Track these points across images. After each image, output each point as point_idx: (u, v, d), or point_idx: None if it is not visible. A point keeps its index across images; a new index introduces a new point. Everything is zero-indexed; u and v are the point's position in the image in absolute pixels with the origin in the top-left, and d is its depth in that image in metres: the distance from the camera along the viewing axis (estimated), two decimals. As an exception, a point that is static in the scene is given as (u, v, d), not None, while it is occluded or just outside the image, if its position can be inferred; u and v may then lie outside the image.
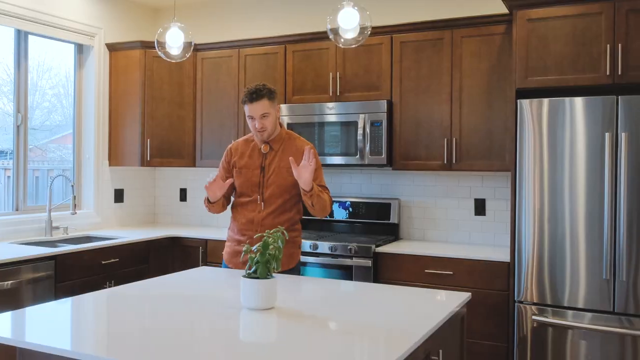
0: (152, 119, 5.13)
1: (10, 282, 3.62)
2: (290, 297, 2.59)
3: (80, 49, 5.20)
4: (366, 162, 4.39)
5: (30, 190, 4.79)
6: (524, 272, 3.64)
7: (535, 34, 3.68)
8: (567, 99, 3.52)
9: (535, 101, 3.60)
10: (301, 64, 4.76)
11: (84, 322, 2.30)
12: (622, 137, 3.37)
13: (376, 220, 4.71)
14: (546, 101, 3.57)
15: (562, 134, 3.53)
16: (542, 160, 3.59)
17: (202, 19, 5.57)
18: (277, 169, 3.20)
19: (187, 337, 1.98)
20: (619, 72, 3.46)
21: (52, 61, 5.07)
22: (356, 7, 2.92)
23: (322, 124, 4.56)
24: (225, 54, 5.09)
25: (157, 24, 5.70)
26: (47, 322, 2.19)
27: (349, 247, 4.19)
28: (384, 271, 4.14)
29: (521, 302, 3.65)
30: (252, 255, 2.34)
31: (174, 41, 3.67)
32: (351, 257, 4.18)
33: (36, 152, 5.03)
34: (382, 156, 4.34)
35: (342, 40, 3.00)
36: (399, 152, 4.40)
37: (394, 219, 4.66)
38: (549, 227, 3.57)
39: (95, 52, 5.16)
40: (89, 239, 4.79)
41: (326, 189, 3.21)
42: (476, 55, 4.18)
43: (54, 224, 4.70)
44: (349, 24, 2.94)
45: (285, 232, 2.39)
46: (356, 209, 4.77)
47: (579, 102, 3.49)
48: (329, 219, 4.86)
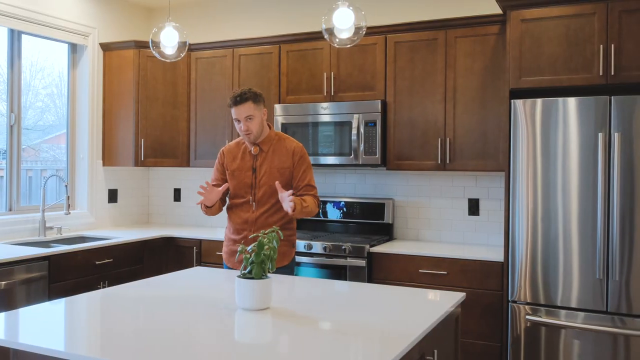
0: (146, 119, 5.12)
1: (3, 282, 3.60)
2: (285, 298, 2.59)
3: (74, 49, 5.18)
4: (360, 162, 4.40)
5: (23, 190, 4.77)
6: (518, 272, 3.65)
7: (529, 35, 3.69)
8: (560, 99, 3.53)
9: (528, 101, 3.61)
10: (295, 64, 4.76)
11: (78, 322, 2.29)
12: (615, 137, 3.39)
13: (370, 220, 4.71)
14: (539, 101, 3.58)
15: (555, 134, 3.54)
16: (535, 160, 3.60)
17: (196, 18, 5.56)
18: (268, 170, 3.27)
19: (182, 338, 1.98)
20: (612, 73, 3.48)
21: (45, 61, 5.05)
22: (351, 7, 2.93)
23: (316, 124, 4.56)
24: (219, 54, 5.09)
25: (151, 24, 5.69)
26: (40, 323, 2.18)
27: (343, 247, 4.19)
28: (378, 271, 4.14)
29: (515, 301, 3.66)
30: (247, 255, 2.34)
31: (169, 41, 3.67)
32: (345, 257, 4.18)
33: (29, 152, 5.01)
34: (376, 156, 4.34)
35: (337, 40, 3.01)
36: (393, 152, 4.40)
37: (388, 219, 4.66)
38: (542, 227, 3.58)
39: (89, 51, 5.15)
40: (82, 239, 4.77)
41: (313, 188, 3.30)
42: (470, 55, 4.19)
43: (48, 224, 4.68)
44: (344, 23, 2.94)
45: (280, 232, 2.40)
46: (350, 209, 4.78)
47: (572, 102, 3.50)
48: (323, 219, 4.86)
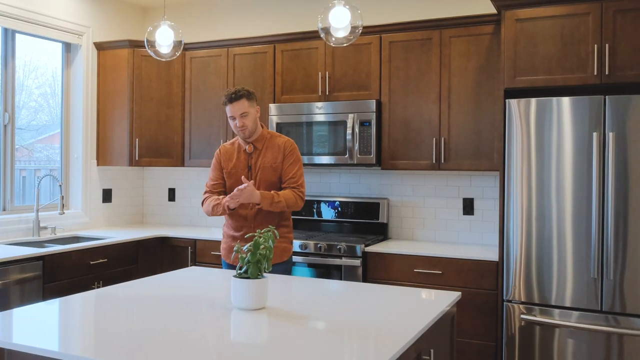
0: (141, 118, 5.11)
1: (-3, 282, 3.59)
2: (280, 297, 2.59)
3: (68, 48, 5.16)
4: (355, 162, 4.40)
5: (17, 190, 4.75)
6: (512, 271, 3.65)
7: (523, 34, 3.70)
8: (554, 99, 3.54)
9: (523, 101, 3.62)
10: (290, 63, 4.76)
11: (72, 323, 2.29)
12: (610, 136, 3.39)
13: (365, 219, 4.71)
14: (534, 101, 3.59)
15: (549, 134, 3.55)
16: (529, 159, 3.61)
17: (190, 18, 5.55)
18: (263, 166, 3.38)
19: (177, 338, 1.97)
20: (607, 72, 3.49)
21: (38, 61, 5.03)
22: (347, 6, 2.92)
23: (311, 124, 4.56)
24: (214, 54, 5.08)
25: (146, 23, 5.68)
26: (35, 323, 2.18)
27: (338, 247, 4.19)
28: (373, 271, 4.14)
29: (510, 301, 3.66)
30: (243, 255, 2.33)
31: (164, 39, 3.65)
32: (340, 257, 4.18)
33: (22, 152, 4.99)
34: (371, 156, 4.34)
35: (333, 39, 3.00)
36: (387, 152, 4.40)
37: (382, 219, 4.67)
38: (536, 226, 3.59)
39: (83, 51, 5.13)
40: (77, 239, 4.76)
41: (297, 182, 3.35)
42: (465, 55, 4.19)
43: (42, 224, 4.67)
44: (340, 22, 2.93)
45: (276, 231, 2.40)
46: (345, 209, 4.77)
47: (566, 102, 3.51)
48: (317, 218, 4.86)
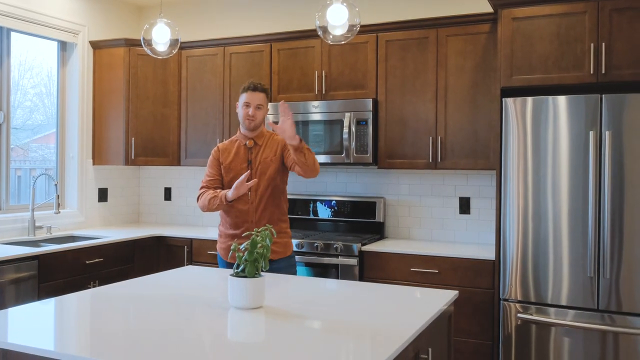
0: (137, 117, 5.09)
1: (-8, 282, 3.58)
2: (278, 296, 2.58)
3: (63, 47, 5.15)
4: (351, 161, 4.39)
5: (12, 189, 4.73)
6: (509, 270, 3.65)
7: (520, 33, 3.70)
8: (550, 98, 3.54)
9: (519, 100, 3.62)
10: (287, 62, 4.75)
11: (68, 322, 2.28)
12: (606, 135, 3.40)
13: (361, 218, 4.71)
14: (530, 100, 3.59)
15: (545, 133, 3.55)
16: (526, 158, 3.61)
17: (186, 16, 5.53)
18: (262, 161, 3.42)
19: (174, 337, 1.96)
20: (603, 71, 3.49)
21: (33, 60, 5.01)
22: (345, 4, 2.91)
23: (307, 123, 4.55)
24: (210, 52, 5.06)
25: (142, 22, 5.66)
26: (30, 322, 2.16)
27: (334, 246, 4.18)
28: (370, 270, 4.14)
29: (506, 299, 3.67)
30: (240, 254, 2.32)
31: (161, 37, 3.63)
32: (337, 256, 4.18)
33: (18, 151, 4.97)
34: (368, 155, 4.34)
35: (330, 37, 2.99)
36: (384, 151, 4.40)
37: (379, 218, 4.66)
38: (532, 225, 3.59)
39: (78, 49, 5.11)
40: (72, 239, 4.74)
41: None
42: (461, 54, 4.19)
43: (37, 224, 4.65)
44: (338, 20, 2.93)
45: (273, 230, 2.39)
46: (341, 208, 4.77)
47: (562, 100, 3.51)
48: (314, 217, 4.85)
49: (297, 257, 4.25)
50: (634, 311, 3.35)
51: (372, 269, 4.13)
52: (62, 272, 4.04)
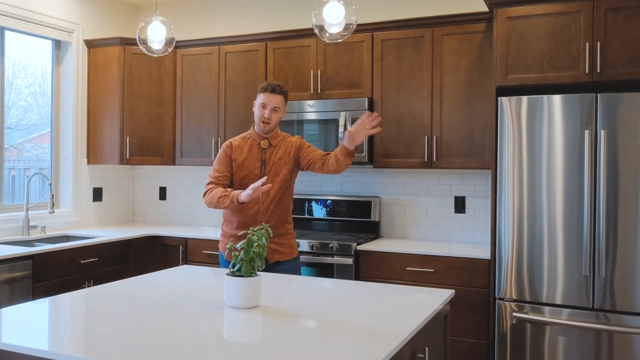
0: (131, 116, 5.08)
1: (-14, 282, 3.56)
2: (274, 296, 2.57)
3: (58, 45, 5.13)
4: (347, 160, 4.38)
5: (6, 189, 4.71)
6: (504, 269, 3.66)
7: (515, 32, 3.70)
8: (545, 97, 3.55)
9: (514, 99, 3.62)
10: (282, 61, 4.74)
11: (62, 322, 2.27)
12: (602, 134, 3.40)
13: (357, 218, 4.71)
14: (525, 99, 3.59)
15: (541, 132, 3.55)
16: (521, 157, 3.61)
17: (181, 15, 5.52)
18: (276, 162, 3.39)
19: (169, 337, 1.96)
20: (598, 70, 3.50)
21: (27, 60, 4.99)
22: (341, 1, 2.91)
23: (302, 122, 4.54)
24: (205, 51, 5.05)
25: (137, 21, 5.65)
26: (24, 322, 2.15)
27: (330, 245, 4.18)
28: (366, 269, 4.14)
29: (502, 299, 3.67)
30: (236, 253, 2.32)
31: (156, 35, 3.61)
32: (332, 255, 4.17)
33: (11, 151, 4.95)
34: (363, 154, 4.34)
35: (327, 35, 2.99)
36: (379, 150, 4.40)
37: (374, 217, 4.66)
38: (527, 224, 3.59)
39: (73, 48, 5.09)
40: (67, 238, 4.72)
41: (325, 152, 3.44)
42: (457, 53, 4.19)
43: (32, 223, 4.63)
44: (334, 18, 2.92)
45: (269, 229, 2.39)
46: (337, 207, 4.77)
47: (557, 99, 3.52)
48: (309, 217, 4.85)
49: (292, 257, 4.25)
50: (629, 310, 3.36)
51: (368, 269, 4.13)
52: (56, 271, 4.03)
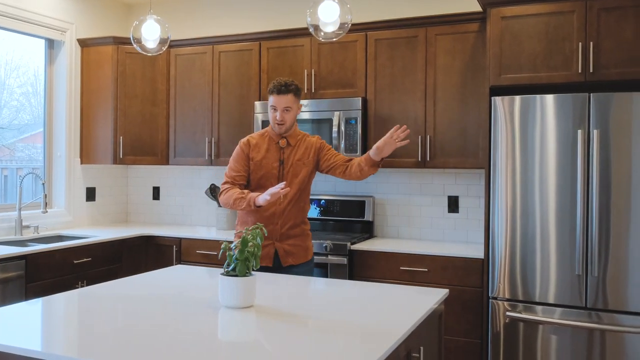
0: (125, 116, 5.06)
1: (-21, 282, 3.54)
2: (268, 296, 2.57)
3: (51, 45, 5.11)
4: (341, 160, 4.38)
5: (-2, 189, 4.70)
6: (497, 269, 3.67)
7: (508, 32, 3.71)
8: (538, 97, 3.56)
9: (507, 98, 3.63)
10: (276, 60, 4.74)
11: (55, 322, 2.26)
12: (594, 134, 3.42)
13: (351, 217, 4.71)
14: (518, 98, 3.60)
15: (533, 131, 3.57)
16: (514, 157, 3.62)
17: (175, 14, 5.51)
18: (295, 163, 3.33)
19: (164, 337, 1.95)
20: (591, 70, 3.51)
21: (20, 60, 4.97)
22: (336, 1, 2.91)
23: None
24: (199, 51, 5.04)
25: (130, 20, 5.63)
26: (17, 323, 2.14)
27: (324, 245, 4.18)
28: (359, 269, 4.14)
29: (495, 298, 3.68)
30: (231, 252, 2.31)
31: (150, 34, 3.59)
32: (326, 255, 4.17)
33: (4, 151, 4.93)
34: (357, 153, 4.33)
35: (322, 34, 2.98)
36: (374, 150, 4.40)
37: (368, 217, 4.66)
38: (521, 223, 3.60)
39: (66, 47, 5.07)
40: (60, 238, 4.70)
41: (348, 157, 3.43)
42: (450, 52, 4.20)
43: (24, 223, 4.61)
44: (329, 17, 2.92)
45: (264, 228, 2.38)
46: (330, 207, 4.77)
47: (549, 99, 3.53)
48: (304, 216, 4.84)
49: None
50: (621, 309, 3.37)
51: (362, 268, 4.13)
52: (49, 272, 4.01)
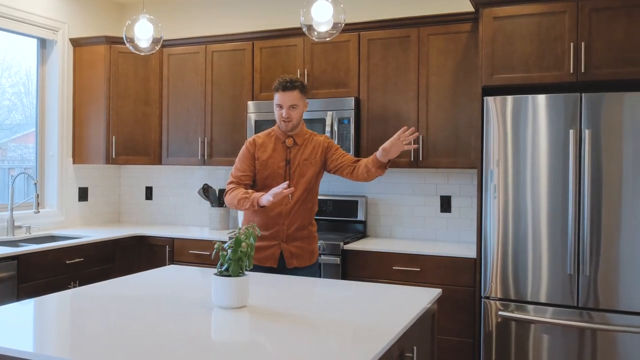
0: (117, 115, 5.05)
1: (-30, 283, 3.53)
2: (261, 296, 2.57)
3: (43, 44, 5.09)
4: (334, 160, 4.39)
5: (-10, 188, 4.67)
6: (490, 268, 3.68)
7: (501, 32, 3.72)
8: (529, 97, 3.57)
9: (499, 98, 3.65)
10: (269, 60, 4.74)
11: (47, 323, 2.25)
12: (586, 133, 3.43)
13: (343, 217, 4.71)
14: (510, 98, 3.62)
15: (525, 131, 3.58)
16: (506, 157, 3.63)
17: (168, 14, 5.50)
18: (302, 163, 3.30)
19: (156, 338, 1.95)
20: (582, 70, 3.53)
21: (12, 59, 4.95)
22: (330, 0, 2.91)
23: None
24: (192, 50, 5.04)
25: (123, 19, 5.62)
26: (9, 323, 2.14)
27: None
28: (353, 268, 4.14)
29: (487, 297, 3.69)
30: (224, 252, 2.31)
31: (143, 33, 3.58)
32: (319, 255, 4.16)
33: (-5, 150, 4.92)
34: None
35: (315, 33, 2.98)
36: (366, 150, 4.40)
37: (361, 217, 4.67)
38: (513, 223, 3.62)
39: (58, 47, 5.05)
40: (52, 238, 4.69)
41: (355, 157, 3.44)
42: (443, 52, 4.21)
43: (17, 223, 4.59)
44: (322, 17, 2.92)
45: (257, 229, 2.38)
46: (323, 207, 4.77)
47: (541, 99, 3.54)
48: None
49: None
50: (612, 308, 3.39)
51: (355, 268, 4.14)
52: (42, 272, 4.00)
